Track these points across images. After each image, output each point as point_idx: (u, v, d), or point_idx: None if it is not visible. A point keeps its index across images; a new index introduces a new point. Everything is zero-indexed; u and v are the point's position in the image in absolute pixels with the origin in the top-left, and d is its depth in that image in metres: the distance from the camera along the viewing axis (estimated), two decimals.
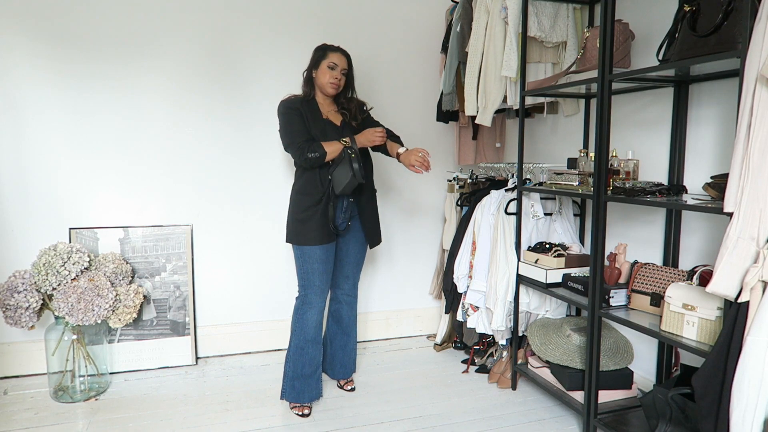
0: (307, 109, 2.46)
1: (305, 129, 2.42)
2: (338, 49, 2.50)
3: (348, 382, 2.77)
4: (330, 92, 2.48)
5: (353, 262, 2.65)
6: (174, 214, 3.05)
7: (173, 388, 2.75)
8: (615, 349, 2.43)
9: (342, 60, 2.48)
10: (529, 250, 2.63)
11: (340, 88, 2.50)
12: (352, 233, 2.59)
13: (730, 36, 1.63)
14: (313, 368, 2.50)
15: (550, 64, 2.77)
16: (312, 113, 2.46)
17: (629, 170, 2.21)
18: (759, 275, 1.49)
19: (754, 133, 1.49)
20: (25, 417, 2.44)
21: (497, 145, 3.43)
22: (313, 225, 2.41)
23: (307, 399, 2.49)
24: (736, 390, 1.51)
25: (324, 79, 2.46)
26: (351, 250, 2.62)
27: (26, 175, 2.81)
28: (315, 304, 2.47)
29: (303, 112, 2.44)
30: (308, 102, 2.49)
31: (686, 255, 2.29)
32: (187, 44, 2.97)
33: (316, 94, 2.53)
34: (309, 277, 2.45)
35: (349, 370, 2.78)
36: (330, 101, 2.56)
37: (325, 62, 2.46)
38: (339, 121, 2.53)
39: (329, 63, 2.45)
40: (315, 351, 2.50)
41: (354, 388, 2.75)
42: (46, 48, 2.76)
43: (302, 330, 2.47)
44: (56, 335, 2.61)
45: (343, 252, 2.62)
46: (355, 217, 2.56)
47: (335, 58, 2.46)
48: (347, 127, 2.52)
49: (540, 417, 2.45)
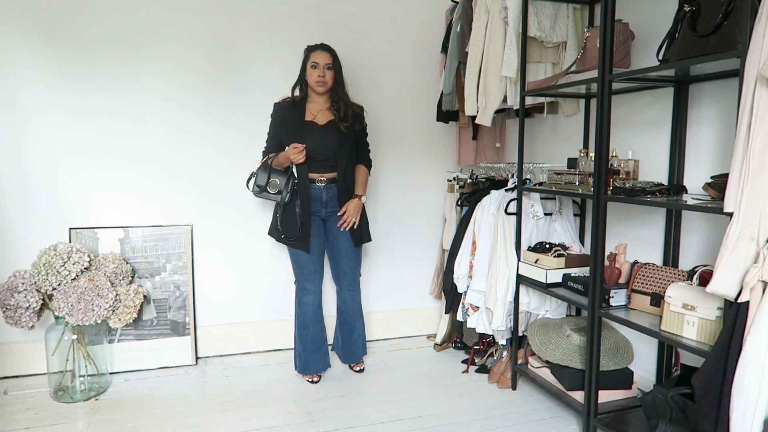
0: (292, 112, 2.63)
1: (277, 137, 2.67)
2: (319, 47, 2.62)
3: (357, 364, 2.99)
4: (319, 90, 2.61)
5: (346, 258, 2.81)
6: (174, 214, 3.05)
7: (173, 388, 2.75)
8: (615, 349, 2.43)
9: (323, 56, 2.59)
10: (529, 250, 2.63)
11: (328, 85, 2.62)
12: (339, 232, 2.74)
13: (730, 36, 1.63)
14: (317, 344, 2.80)
15: (550, 64, 2.76)
16: (296, 116, 2.63)
17: (629, 170, 2.21)
18: (759, 275, 1.49)
19: (754, 133, 1.49)
20: (25, 417, 2.44)
21: (497, 145, 3.42)
22: None
23: (314, 370, 2.82)
24: (736, 390, 1.51)
25: (311, 79, 2.60)
26: (341, 246, 2.78)
27: (26, 175, 2.81)
28: (309, 289, 2.76)
29: (284, 116, 2.64)
30: (296, 104, 2.66)
31: (686, 255, 2.29)
32: (188, 44, 2.97)
33: (310, 95, 2.66)
34: (299, 267, 2.73)
35: (357, 355, 2.98)
36: (325, 99, 2.67)
37: (309, 63, 2.61)
38: (326, 120, 2.65)
39: (312, 63, 2.60)
40: (316, 329, 2.80)
41: (363, 369, 2.97)
42: (46, 47, 2.76)
43: (302, 312, 2.78)
44: (56, 335, 2.61)
45: (335, 250, 2.81)
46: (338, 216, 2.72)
47: (316, 56, 2.59)
48: (331, 127, 2.64)
49: (540, 417, 2.45)
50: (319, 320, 2.83)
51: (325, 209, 2.70)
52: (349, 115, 2.65)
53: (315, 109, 2.66)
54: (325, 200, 2.68)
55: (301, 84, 2.68)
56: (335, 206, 2.71)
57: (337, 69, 2.63)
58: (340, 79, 2.65)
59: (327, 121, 2.65)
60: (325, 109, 2.67)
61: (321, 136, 2.61)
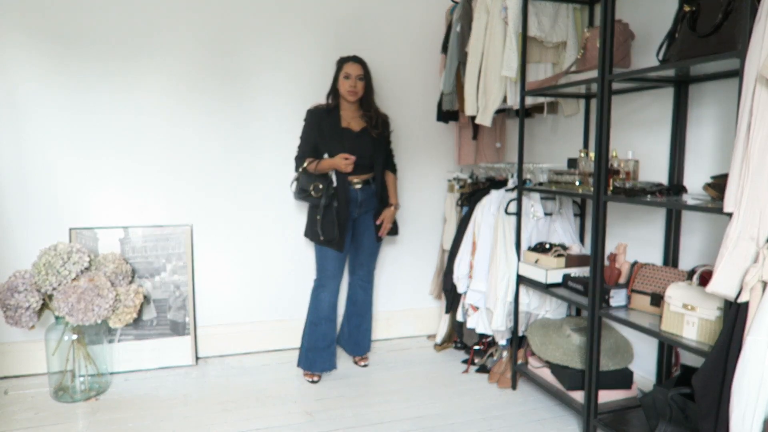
0: (327, 119, 2.77)
1: (311, 143, 2.78)
2: (351, 59, 2.78)
3: (362, 358, 3.06)
4: (350, 99, 2.78)
5: (367, 253, 2.95)
6: (174, 214, 3.05)
7: (173, 388, 2.75)
8: (615, 349, 2.43)
9: (355, 67, 2.76)
10: (529, 250, 2.63)
11: (359, 94, 2.78)
12: (365, 226, 2.88)
13: (730, 36, 1.63)
14: (326, 343, 2.83)
15: (550, 64, 2.76)
16: (331, 123, 2.77)
17: (629, 170, 2.21)
18: (759, 275, 1.49)
19: (754, 133, 1.49)
20: (25, 417, 2.44)
21: (497, 145, 3.42)
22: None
23: (319, 369, 2.84)
24: (736, 390, 1.51)
25: (343, 88, 2.76)
26: (365, 241, 2.91)
27: (26, 174, 2.81)
28: (329, 287, 2.82)
29: (320, 123, 2.76)
30: (330, 111, 2.80)
31: (686, 255, 2.29)
32: (188, 43, 2.97)
33: (341, 104, 2.82)
34: (324, 264, 2.81)
35: (362, 348, 3.05)
36: (355, 107, 2.83)
37: (341, 73, 2.76)
38: (359, 127, 2.81)
39: (344, 73, 2.75)
40: (328, 328, 2.83)
41: (367, 365, 3.02)
42: (46, 47, 2.76)
43: (316, 308, 2.83)
44: (56, 335, 2.61)
45: (358, 242, 2.92)
46: (369, 211, 2.86)
47: (348, 68, 2.75)
48: (365, 134, 2.80)
49: (540, 417, 2.45)
50: (332, 319, 2.86)
51: (359, 209, 2.82)
52: (379, 123, 2.83)
53: (348, 116, 2.81)
54: (360, 201, 2.81)
55: (334, 93, 2.81)
56: (368, 206, 2.85)
57: (367, 80, 2.79)
58: (369, 89, 2.82)
59: (361, 128, 2.80)
60: (357, 116, 2.82)
61: (357, 142, 2.75)
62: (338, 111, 2.81)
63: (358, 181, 2.79)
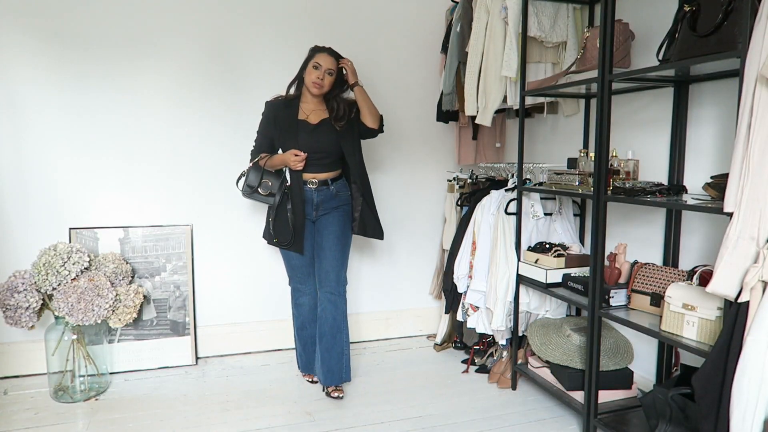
0: (285, 111, 2.57)
1: (269, 136, 2.61)
2: (326, 50, 2.56)
3: (336, 389, 2.60)
4: (313, 92, 2.55)
5: (330, 258, 2.58)
6: (174, 214, 3.05)
7: (173, 388, 2.75)
8: (615, 349, 2.43)
9: (327, 60, 2.53)
10: (529, 250, 2.63)
11: (324, 88, 2.54)
12: (327, 229, 2.61)
13: (730, 36, 1.63)
14: (315, 344, 2.71)
15: (550, 64, 2.76)
16: (288, 115, 2.57)
17: (629, 170, 2.21)
18: (759, 275, 1.49)
19: (754, 133, 1.49)
20: (25, 417, 2.44)
21: (497, 145, 3.43)
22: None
23: (314, 370, 2.76)
24: (736, 390, 1.51)
25: (308, 78, 2.52)
26: (327, 245, 2.59)
27: (26, 175, 2.81)
28: (304, 290, 2.74)
29: (277, 116, 2.57)
30: (289, 102, 2.60)
31: (686, 255, 2.29)
32: (188, 44, 2.97)
33: (304, 95, 2.60)
34: (292, 268, 2.71)
35: (335, 376, 2.58)
36: (318, 101, 2.62)
37: (311, 62, 2.53)
38: (318, 120, 2.58)
39: (314, 63, 2.52)
40: (314, 329, 2.74)
41: (342, 396, 2.58)
42: (46, 47, 2.76)
43: (299, 313, 2.79)
44: (56, 335, 2.61)
45: (319, 248, 2.62)
46: (330, 212, 2.62)
47: (320, 58, 2.52)
48: (325, 127, 2.57)
49: (540, 417, 2.45)
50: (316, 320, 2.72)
51: (316, 212, 2.60)
52: (344, 113, 2.57)
53: (308, 108, 2.59)
54: (316, 203, 2.58)
55: (298, 82, 2.60)
56: (327, 207, 2.61)
57: (338, 77, 2.58)
58: (337, 88, 2.60)
59: (320, 120, 2.58)
60: (318, 109, 2.60)
61: (313, 136, 2.54)
62: (298, 102, 2.59)
63: (314, 180, 2.55)
